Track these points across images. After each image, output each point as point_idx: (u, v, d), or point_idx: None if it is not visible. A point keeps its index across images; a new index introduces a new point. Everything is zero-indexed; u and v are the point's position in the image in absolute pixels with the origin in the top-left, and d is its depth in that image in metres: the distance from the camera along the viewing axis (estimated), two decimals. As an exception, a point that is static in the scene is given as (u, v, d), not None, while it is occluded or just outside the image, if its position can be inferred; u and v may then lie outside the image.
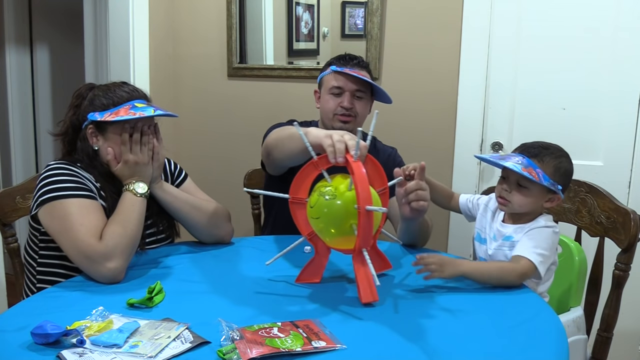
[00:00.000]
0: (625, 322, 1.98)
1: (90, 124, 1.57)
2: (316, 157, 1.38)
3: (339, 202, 1.28)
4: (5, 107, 3.38)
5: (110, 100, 1.57)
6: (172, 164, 1.83)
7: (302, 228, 1.41)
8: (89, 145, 1.58)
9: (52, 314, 1.21)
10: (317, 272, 1.43)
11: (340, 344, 1.08)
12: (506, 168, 1.49)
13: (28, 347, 1.08)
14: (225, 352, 1.03)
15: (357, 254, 1.32)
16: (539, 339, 1.16)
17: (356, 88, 1.91)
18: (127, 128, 1.56)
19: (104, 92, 1.59)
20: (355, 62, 1.96)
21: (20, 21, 3.35)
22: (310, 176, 1.40)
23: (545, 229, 1.49)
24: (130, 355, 1.05)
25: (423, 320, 1.24)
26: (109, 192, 1.57)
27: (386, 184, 1.42)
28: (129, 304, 1.27)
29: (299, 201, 1.40)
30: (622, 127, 2.26)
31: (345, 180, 1.32)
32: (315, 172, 1.39)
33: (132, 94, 1.60)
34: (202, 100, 2.93)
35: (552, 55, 2.32)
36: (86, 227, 1.41)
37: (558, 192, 1.49)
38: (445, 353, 1.09)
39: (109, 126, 1.56)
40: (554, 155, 1.49)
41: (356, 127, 1.92)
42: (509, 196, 1.50)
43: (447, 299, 1.36)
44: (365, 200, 1.24)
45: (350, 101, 1.91)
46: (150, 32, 2.73)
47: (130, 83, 1.66)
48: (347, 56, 1.97)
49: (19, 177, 3.38)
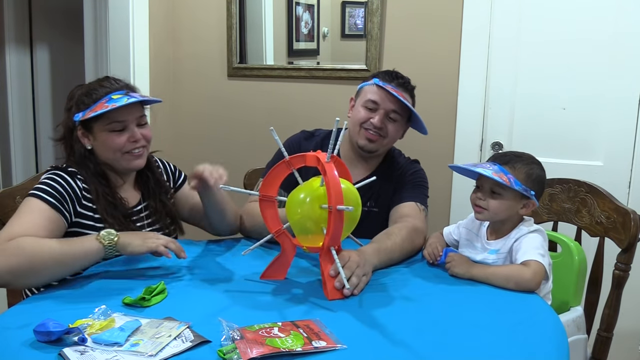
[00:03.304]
0: (625, 322, 1.98)
1: (79, 125, 1.58)
2: (288, 157, 1.41)
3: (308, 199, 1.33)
4: (5, 107, 3.37)
5: (91, 98, 1.57)
6: (171, 166, 1.84)
7: (269, 225, 1.44)
8: (82, 146, 1.60)
9: (55, 312, 1.21)
10: (282, 269, 1.46)
11: (340, 344, 1.08)
12: (478, 174, 1.52)
13: (30, 345, 1.08)
14: (226, 352, 1.03)
15: (326, 252, 1.35)
16: (539, 339, 1.16)
17: (392, 108, 1.80)
18: (114, 124, 1.56)
19: (86, 91, 1.59)
20: (401, 81, 1.84)
21: (20, 21, 3.35)
22: (281, 175, 1.43)
23: (531, 235, 1.50)
24: (131, 353, 1.05)
25: (423, 321, 1.24)
26: (101, 193, 1.57)
27: None
28: (125, 302, 1.27)
29: (269, 199, 1.43)
30: (622, 127, 2.26)
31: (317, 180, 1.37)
32: (287, 171, 1.42)
33: (111, 88, 1.59)
34: (202, 100, 2.93)
35: (552, 55, 2.32)
36: (17, 225, 1.41)
37: (532, 198, 1.50)
38: (445, 353, 1.09)
39: (93, 124, 1.57)
40: (525, 162, 1.52)
41: (383, 148, 1.88)
42: (484, 204, 1.52)
43: (447, 300, 1.37)
44: (336, 199, 1.28)
45: (382, 120, 1.79)
46: (150, 32, 2.73)
47: (113, 77, 1.65)
48: (395, 73, 1.86)
49: (19, 177, 3.38)
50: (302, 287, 1.42)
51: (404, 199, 1.82)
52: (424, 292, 1.41)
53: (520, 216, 1.55)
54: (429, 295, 1.39)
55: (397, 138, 1.89)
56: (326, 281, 1.34)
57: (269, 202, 1.43)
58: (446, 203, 2.51)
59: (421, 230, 1.72)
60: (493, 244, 1.56)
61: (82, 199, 1.55)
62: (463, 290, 1.42)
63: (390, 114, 1.81)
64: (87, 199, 1.56)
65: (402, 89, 1.83)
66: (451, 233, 1.71)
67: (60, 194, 1.51)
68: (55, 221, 1.48)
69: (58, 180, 1.53)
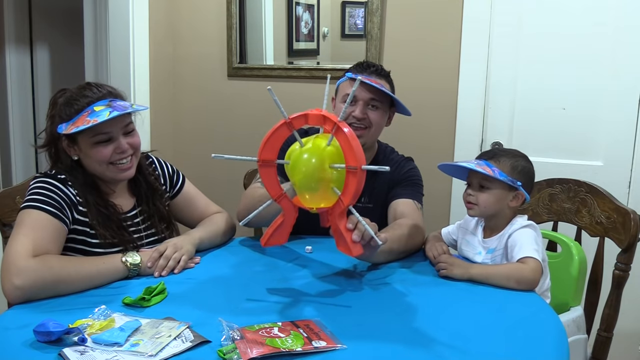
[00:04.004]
0: (625, 322, 1.98)
1: (63, 137, 1.53)
2: (288, 117, 1.32)
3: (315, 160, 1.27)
4: (5, 107, 3.37)
5: (73, 109, 1.51)
6: (170, 168, 1.79)
7: (270, 190, 1.35)
8: (68, 157, 1.56)
9: (55, 312, 1.21)
10: (284, 234, 1.39)
11: (340, 344, 1.09)
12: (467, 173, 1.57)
13: (30, 345, 1.08)
14: (226, 352, 1.03)
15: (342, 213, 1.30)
16: (539, 339, 1.16)
17: (370, 97, 1.79)
18: (99, 136, 1.50)
19: (67, 100, 1.54)
20: (372, 69, 1.84)
21: (20, 21, 3.35)
22: (281, 137, 1.34)
23: (523, 230, 1.52)
24: (131, 353, 1.05)
25: (423, 320, 1.24)
26: (92, 203, 1.53)
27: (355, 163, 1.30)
28: (125, 302, 1.27)
29: (268, 164, 1.34)
30: (622, 127, 2.26)
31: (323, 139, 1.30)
32: (287, 132, 1.33)
33: (93, 97, 1.52)
34: (202, 100, 2.93)
35: (552, 56, 2.32)
36: (28, 239, 1.38)
37: (519, 188, 1.53)
38: (445, 353, 1.09)
39: (77, 136, 1.51)
40: (510, 156, 1.57)
41: (371, 139, 1.86)
42: (473, 199, 1.56)
43: (447, 300, 1.37)
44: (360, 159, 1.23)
45: (363, 111, 1.79)
46: (150, 32, 2.73)
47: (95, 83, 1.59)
48: (365, 63, 1.87)
49: (19, 177, 3.38)
50: (302, 287, 1.42)
51: (401, 195, 1.83)
52: (424, 291, 1.41)
53: (513, 211, 1.57)
54: (428, 295, 1.39)
55: (382, 125, 1.87)
56: (345, 236, 1.29)
57: (269, 167, 1.34)
58: (446, 203, 2.51)
59: (421, 228, 1.72)
60: (489, 242, 1.57)
61: (77, 205, 1.52)
62: (463, 290, 1.42)
63: (370, 103, 1.80)
64: (82, 204, 1.53)
65: (375, 76, 1.82)
66: (450, 233, 1.73)
67: (57, 202, 1.47)
68: (59, 230, 1.46)
69: (51, 189, 1.49)
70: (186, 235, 1.62)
